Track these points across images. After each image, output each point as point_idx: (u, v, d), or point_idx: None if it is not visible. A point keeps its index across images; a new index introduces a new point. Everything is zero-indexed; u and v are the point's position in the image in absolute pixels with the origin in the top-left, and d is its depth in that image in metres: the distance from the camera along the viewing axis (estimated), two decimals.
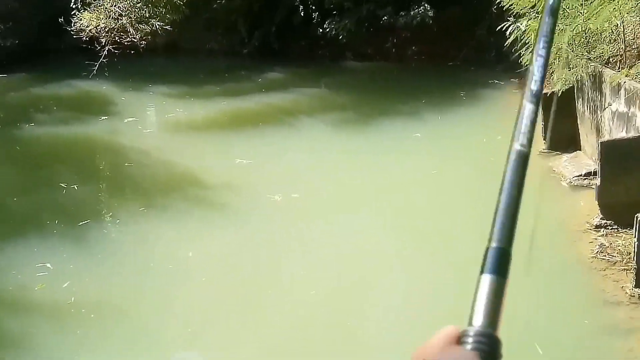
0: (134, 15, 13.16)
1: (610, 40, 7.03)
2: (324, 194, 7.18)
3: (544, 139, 8.00)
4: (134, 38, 12.93)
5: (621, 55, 6.80)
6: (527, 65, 6.78)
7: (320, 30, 15.40)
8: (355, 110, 11.05)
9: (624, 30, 6.74)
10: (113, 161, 8.89)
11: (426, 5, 13.82)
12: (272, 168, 8.15)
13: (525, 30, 7.84)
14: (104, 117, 10.76)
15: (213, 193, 7.37)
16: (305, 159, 8.54)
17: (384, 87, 12.90)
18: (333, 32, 15.07)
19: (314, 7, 15.20)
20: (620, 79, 6.08)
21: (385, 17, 14.68)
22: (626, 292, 4.57)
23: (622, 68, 6.43)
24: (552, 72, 7.85)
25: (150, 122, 11.47)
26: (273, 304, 5.01)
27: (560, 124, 7.87)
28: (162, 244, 6.12)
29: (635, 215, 4.56)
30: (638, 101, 5.66)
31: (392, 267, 5.51)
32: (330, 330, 4.59)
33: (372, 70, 14.44)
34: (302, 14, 15.67)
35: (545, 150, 7.92)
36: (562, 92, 7.48)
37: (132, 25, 13.04)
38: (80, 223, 6.53)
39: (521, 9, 7.70)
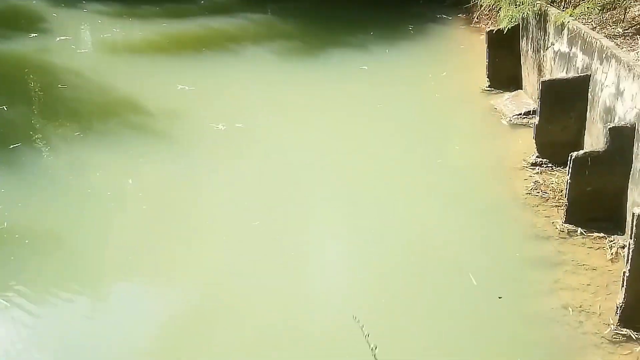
0: None
1: None
2: (268, 124, 7.08)
3: (487, 77, 8.11)
4: None
5: None
6: (475, 1, 6.71)
7: None
8: (302, 40, 10.77)
9: None
10: (45, 82, 8.39)
11: None
12: (215, 96, 7.93)
13: None
14: (34, 35, 10.06)
15: (154, 120, 7.13)
16: (250, 87, 8.33)
17: (332, 17, 12.59)
18: None
19: None
20: (564, 19, 6.16)
21: None
22: (556, 227, 4.81)
23: (567, 8, 6.50)
24: (500, 8, 7.87)
25: (85, 41, 10.82)
26: (213, 233, 4.99)
27: (504, 63, 7.96)
28: (100, 171, 5.92)
29: (569, 154, 4.75)
30: (580, 41, 5.78)
31: (336, 196, 5.57)
32: (271, 260, 4.64)
33: None
34: None
35: (487, 89, 8.05)
36: (507, 29, 7.54)
37: None
38: (12, 146, 6.22)
39: None
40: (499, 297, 4.07)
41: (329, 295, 4.36)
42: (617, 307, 3.75)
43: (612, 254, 4.44)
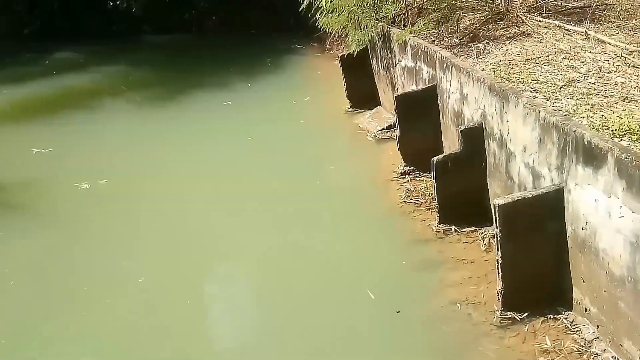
0: None
1: (393, 0, 7.56)
2: (134, 175, 6.82)
3: (347, 99, 8.46)
4: None
5: (404, 15, 7.37)
6: (324, 29, 6.96)
7: (111, 3, 14.41)
8: (161, 86, 10.60)
9: None
10: None
11: None
12: (76, 155, 7.53)
13: None
14: None
15: (9, 192, 6.61)
16: (112, 141, 8.01)
17: (189, 59, 12.55)
18: (124, 5, 14.20)
19: None
20: (405, 37, 6.60)
21: None
22: (432, 229, 5.08)
23: (406, 26, 6.98)
24: (347, 33, 8.28)
25: None
26: (91, 301, 4.65)
27: (360, 84, 8.37)
28: None
29: (431, 160, 5.06)
30: (422, 56, 6.21)
31: (221, 232, 5.47)
32: (169, 310, 4.43)
33: (174, 43, 13.92)
34: None
35: (350, 109, 8.40)
36: (358, 52, 7.94)
37: None
38: None
39: None
40: (397, 312, 4.18)
41: (228, 327, 4.32)
42: (498, 294, 4.01)
43: (485, 244, 4.76)
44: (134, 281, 4.81)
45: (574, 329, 3.74)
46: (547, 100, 4.13)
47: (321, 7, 7.90)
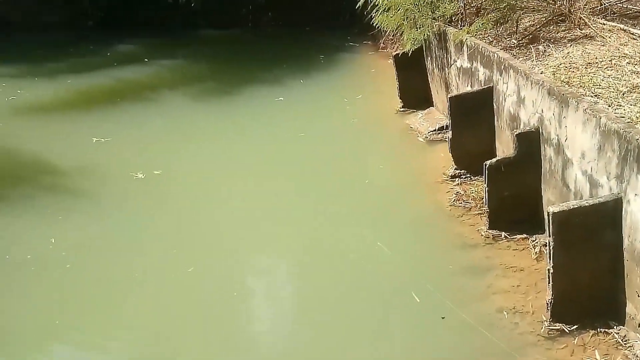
0: None
1: None
2: (188, 167, 6.98)
3: (400, 98, 8.39)
4: None
5: (462, 14, 7.25)
6: (378, 27, 6.99)
7: None
8: (216, 80, 10.79)
9: None
10: None
11: None
12: (133, 145, 7.75)
13: None
14: None
15: (68, 177, 6.87)
16: (168, 132, 8.22)
17: (243, 54, 12.72)
18: (184, 0, 14.50)
19: None
20: (462, 37, 6.49)
21: None
22: (482, 234, 4.99)
23: (463, 26, 6.86)
24: (402, 32, 8.21)
25: None
26: (146, 285, 4.81)
27: (413, 83, 8.28)
28: (17, 236, 5.61)
29: (484, 163, 4.96)
30: (479, 56, 6.10)
31: (271, 228, 5.53)
32: (213, 304, 4.52)
33: (229, 38, 14.13)
34: None
35: (401, 109, 8.33)
36: (412, 51, 7.86)
37: None
38: None
39: None
40: (442, 317, 4.13)
41: (275, 326, 4.35)
42: (548, 304, 3.90)
43: (536, 253, 4.64)
44: (183, 270, 4.92)
45: (625, 344, 3.60)
46: (609, 106, 3.98)
47: (377, 5, 7.86)
